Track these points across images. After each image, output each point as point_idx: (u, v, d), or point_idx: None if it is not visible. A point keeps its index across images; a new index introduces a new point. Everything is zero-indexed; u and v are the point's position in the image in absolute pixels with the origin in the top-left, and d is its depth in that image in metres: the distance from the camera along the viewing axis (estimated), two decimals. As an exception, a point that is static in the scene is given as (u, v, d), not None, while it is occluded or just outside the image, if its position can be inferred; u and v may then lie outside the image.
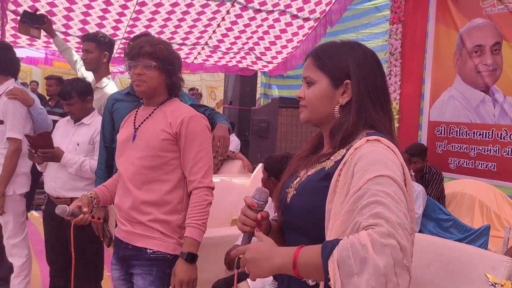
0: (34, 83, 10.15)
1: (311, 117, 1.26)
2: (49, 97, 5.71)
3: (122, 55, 2.72)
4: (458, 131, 4.83)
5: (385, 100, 1.24)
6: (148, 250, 1.93)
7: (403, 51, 5.12)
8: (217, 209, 3.73)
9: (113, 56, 3.80)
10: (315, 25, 5.89)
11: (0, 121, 2.99)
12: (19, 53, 3.31)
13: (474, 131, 4.67)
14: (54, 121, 3.48)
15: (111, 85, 3.27)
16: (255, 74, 8.50)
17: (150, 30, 5.63)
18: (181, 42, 6.04)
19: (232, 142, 7.69)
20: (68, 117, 2.94)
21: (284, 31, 6.02)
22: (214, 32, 6.01)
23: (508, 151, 4.37)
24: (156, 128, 1.94)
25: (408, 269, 0.92)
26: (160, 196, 1.93)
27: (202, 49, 6.41)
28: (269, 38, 6.21)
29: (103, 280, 3.14)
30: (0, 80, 3.08)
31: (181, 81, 2.08)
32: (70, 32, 5.37)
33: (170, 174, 1.94)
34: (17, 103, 2.99)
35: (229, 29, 5.98)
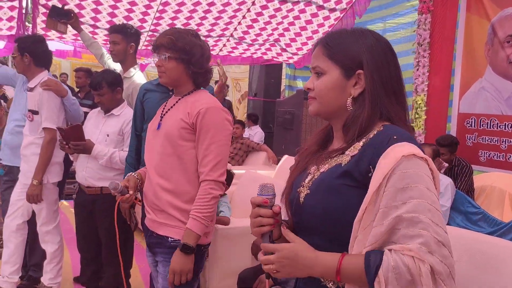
0: (64, 75, 10.36)
1: (321, 110, 1.19)
2: (78, 89, 5.82)
3: (149, 48, 2.76)
4: (488, 123, 4.72)
5: (399, 90, 1.17)
6: (169, 239, 1.96)
7: (432, 41, 5.03)
8: (243, 200, 3.76)
9: (140, 48, 3.85)
10: (341, 16, 5.82)
11: (35, 111, 3.08)
12: (49, 46, 3.39)
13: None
14: (84, 112, 3.57)
15: (138, 75, 3.31)
16: (280, 65, 8.47)
17: (176, 22, 5.67)
18: (206, 34, 6.05)
19: (257, 134, 7.71)
20: (99, 108, 3.00)
21: (309, 22, 5.97)
22: (239, 23, 6.01)
23: (541, 144, 4.26)
24: (177, 117, 1.96)
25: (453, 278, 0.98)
26: (179, 184, 1.95)
27: (228, 41, 6.42)
28: (295, 29, 6.17)
29: (132, 268, 3.21)
30: (35, 71, 3.17)
31: (207, 72, 2.06)
32: (98, 25, 5.45)
33: (189, 163, 1.96)
34: (51, 94, 3.07)
35: (255, 21, 5.96)
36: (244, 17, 5.86)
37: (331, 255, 1.05)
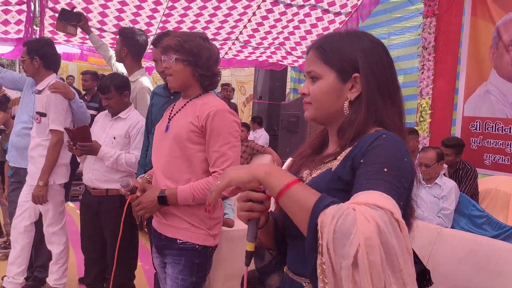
0: (70, 78, 10.43)
1: (317, 115, 1.17)
2: (85, 92, 5.87)
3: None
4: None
5: (395, 93, 1.15)
6: (178, 241, 1.98)
7: (436, 45, 5.02)
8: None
9: (146, 51, 3.87)
10: (346, 19, 5.84)
11: (43, 113, 3.12)
12: (57, 49, 3.44)
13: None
14: (91, 115, 3.60)
15: (143, 79, 3.32)
16: (285, 69, 8.48)
17: (182, 26, 5.71)
18: (212, 37, 6.09)
19: (262, 137, 7.73)
20: (106, 111, 3.03)
21: (314, 25, 5.99)
22: (245, 27, 6.04)
23: (546, 147, 4.24)
24: (186, 120, 1.97)
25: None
26: None
27: (233, 44, 6.45)
28: (300, 33, 6.19)
29: (136, 270, 3.23)
30: (44, 74, 3.22)
31: (214, 75, 2.06)
32: (105, 28, 5.50)
33: (197, 166, 1.97)
34: (59, 96, 3.11)
35: (260, 24, 5.99)
36: (249, 20, 5.89)
37: (286, 175, 1.01)
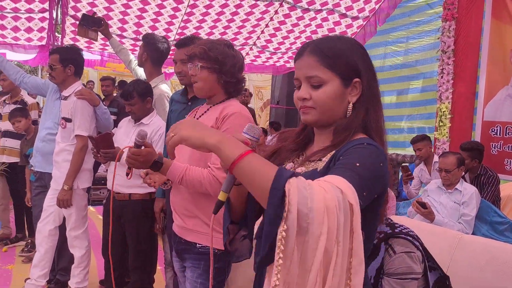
0: (91, 83, 10.59)
1: (320, 119, 1.19)
2: (104, 97, 5.97)
3: (172, 57, 2.82)
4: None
5: (379, 96, 1.23)
6: (197, 245, 2.00)
7: (456, 48, 4.98)
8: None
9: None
10: (364, 23, 5.82)
11: (68, 119, 3.18)
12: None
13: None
14: None
15: (161, 85, 3.36)
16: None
17: (200, 32, 5.76)
18: (230, 42, 6.13)
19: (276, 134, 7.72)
20: (130, 116, 3.07)
21: (332, 30, 5.99)
22: (262, 32, 6.07)
23: None
24: (207, 123, 1.99)
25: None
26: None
27: (251, 49, 6.49)
28: (317, 37, 6.19)
29: (156, 273, 3.27)
30: (71, 81, 3.30)
31: (239, 81, 2.07)
32: (125, 35, 5.59)
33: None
34: (85, 102, 3.18)
35: (277, 29, 6.01)
36: (267, 25, 5.92)
37: (239, 145, 1.00)
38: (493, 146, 4.83)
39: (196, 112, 2.14)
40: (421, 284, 2.09)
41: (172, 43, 5.84)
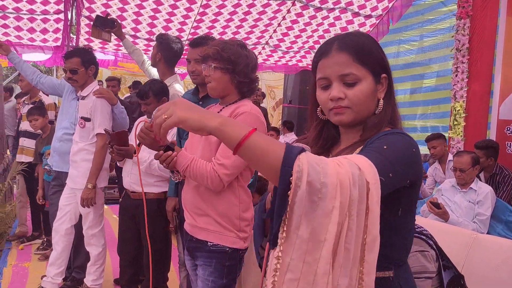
0: (100, 82, 10.73)
1: (356, 119, 1.15)
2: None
3: (185, 57, 2.84)
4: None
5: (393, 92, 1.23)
6: (208, 243, 2.01)
7: (471, 46, 4.93)
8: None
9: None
10: (377, 22, 5.80)
11: (87, 118, 3.23)
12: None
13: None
14: None
15: (175, 85, 3.39)
16: (315, 72, 8.48)
17: (212, 32, 5.78)
18: (242, 42, 6.15)
19: (291, 141, 7.73)
20: (145, 116, 3.10)
21: (345, 29, 5.96)
22: (274, 31, 6.07)
23: None
24: None
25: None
26: None
27: (263, 48, 6.49)
28: (330, 36, 6.14)
29: (170, 272, 3.29)
30: (90, 81, 3.36)
31: (252, 81, 2.08)
32: (138, 35, 5.63)
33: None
34: (104, 101, 3.23)
35: (290, 28, 6.01)
36: (279, 24, 5.92)
37: (242, 125, 0.97)
38: (509, 145, 4.77)
39: None
40: (436, 283, 2.08)
41: (185, 43, 5.89)
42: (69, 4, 4.97)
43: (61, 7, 4.97)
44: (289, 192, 0.85)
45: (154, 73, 3.64)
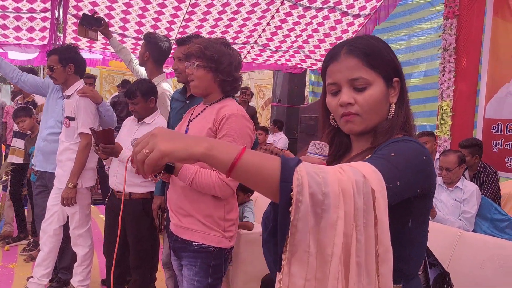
0: (92, 80, 10.68)
1: (367, 127, 1.11)
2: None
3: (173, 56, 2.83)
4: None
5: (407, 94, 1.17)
6: (193, 243, 2.01)
7: (457, 46, 4.97)
8: (266, 206, 3.80)
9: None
10: (365, 21, 5.83)
11: (72, 118, 3.20)
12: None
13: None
14: None
15: (163, 84, 3.37)
16: (304, 72, 8.50)
17: (201, 31, 5.77)
18: (231, 41, 6.13)
19: (281, 140, 7.74)
20: (133, 116, 3.09)
21: (333, 28, 5.99)
22: (263, 30, 6.07)
23: None
24: (204, 124, 2.01)
25: None
26: None
27: (252, 48, 6.49)
28: (318, 36, 6.20)
29: (157, 271, 3.28)
30: (73, 80, 3.33)
31: (235, 80, 2.08)
32: (126, 34, 5.60)
33: (212, 168, 1.98)
34: (88, 100, 3.20)
35: (279, 27, 6.02)
36: (268, 24, 5.92)
37: (230, 146, 0.90)
38: (495, 144, 4.82)
39: (193, 112, 2.15)
40: (422, 280, 2.09)
41: (173, 42, 5.87)
42: (56, 2, 4.93)
43: (48, 5, 4.92)
44: (290, 209, 0.80)
45: (142, 72, 3.62)
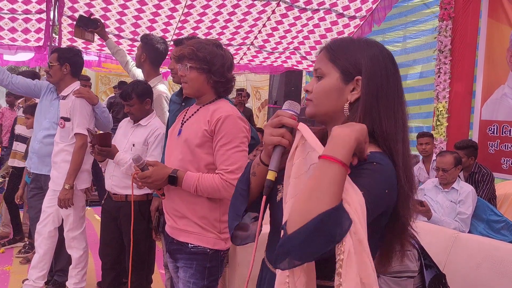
0: (89, 82, 10.65)
1: (317, 112, 1.18)
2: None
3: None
4: (511, 130, 4.66)
5: (399, 105, 1.16)
6: (189, 245, 2.00)
7: (453, 48, 5.00)
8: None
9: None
10: (361, 23, 5.83)
11: (67, 118, 3.18)
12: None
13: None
14: None
15: (159, 86, 3.37)
16: (300, 73, 8.51)
17: (197, 32, 5.76)
18: (227, 43, 6.13)
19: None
20: (128, 118, 3.08)
21: (329, 30, 5.99)
22: (259, 32, 6.07)
23: None
24: (198, 125, 2.00)
25: None
26: None
27: (248, 49, 6.48)
28: (315, 37, 6.20)
29: (154, 274, 3.27)
30: (69, 81, 3.32)
31: (228, 81, 2.08)
32: (122, 35, 5.58)
33: (207, 170, 1.99)
34: (83, 101, 3.19)
35: (275, 29, 6.02)
36: (264, 25, 5.92)
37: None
38: (491, 145, 4.84)
39: (186, 113, 2.14)
40: (417, 282, 2.10)
41: (169, 43, 5.86)
42: (51, 3, 4.91)
43: (43, 6, 4.90)
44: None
45: (138, 74, 3.61)
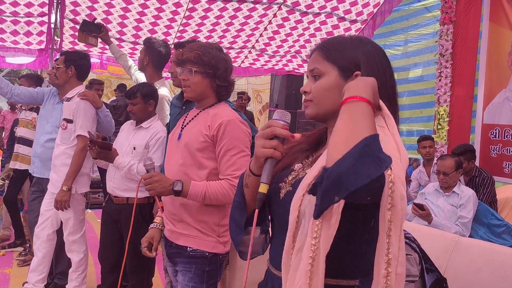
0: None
1: (318, 112, 1.17)
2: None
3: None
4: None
5: (393, 98, 1.17)
6: (188, 248, 1.99)
7: (454, 52, 4.99)
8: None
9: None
10: (362, 27, 5.84)
11: (70, 120, 3.18)
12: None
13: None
14: None
15: (162, 89, 3.37)
16: (301, 77, 8.51)
17: (199, 35, 5.78)
18: (228, 46, 6.15)
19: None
20: (131, 120, 3.07)
21: (330, 33, 6.00)
22: (261, 35, 6.08)
23: None
24: (198, 129, 2.00)
25: None
26: None
27: (249, 52, 6.50)
28: (316, 41, 6.21)
29: (154, 277, 3.26)
30: (75, 84, 3.33)
31: (230, 85, 2.09)
32: (124, 39, 5.60)
33: (208, 174, 1.99)
34: (88, 104, 3.19)
35: (276, 32, 6.03)
36: (265, 29, 5.93)
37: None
38: (493, 149, 4.83)
39: (186, 117, 2.14)
40: (418, 286, 2.09)
41: (171, 47, 5.87)
42: (53, 6, 4.93)
43: (45, 9, 4.92)
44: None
45: (141, 78, 3.61)
